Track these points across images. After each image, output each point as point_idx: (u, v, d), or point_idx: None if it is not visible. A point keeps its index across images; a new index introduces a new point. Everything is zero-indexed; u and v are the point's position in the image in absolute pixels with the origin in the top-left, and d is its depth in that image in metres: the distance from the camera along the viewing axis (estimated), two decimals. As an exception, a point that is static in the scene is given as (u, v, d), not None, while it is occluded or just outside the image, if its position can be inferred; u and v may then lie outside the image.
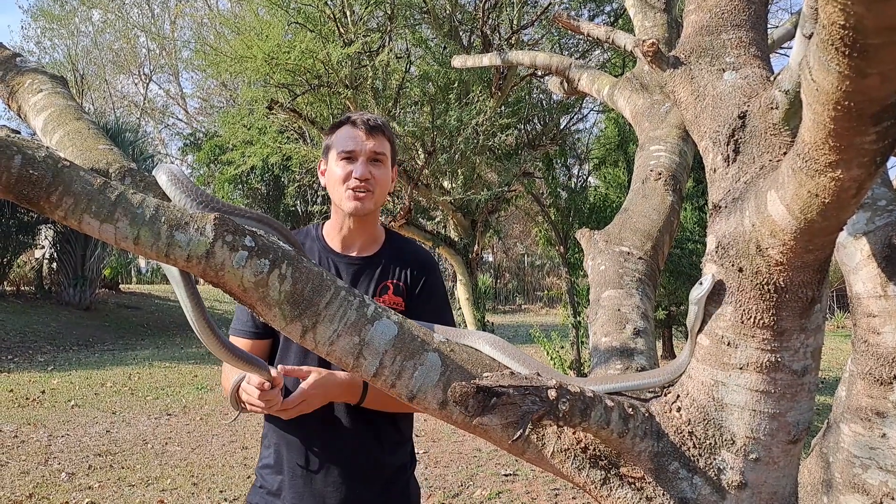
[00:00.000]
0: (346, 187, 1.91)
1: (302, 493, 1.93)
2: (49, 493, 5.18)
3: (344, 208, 1.93)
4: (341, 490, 1.92)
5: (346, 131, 1.93)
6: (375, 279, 1.98)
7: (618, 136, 11.89)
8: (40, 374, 10.33)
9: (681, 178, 2.23)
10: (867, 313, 1.51)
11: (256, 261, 1.28)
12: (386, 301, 1.96)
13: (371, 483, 1.94)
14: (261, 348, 2.00)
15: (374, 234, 2.02)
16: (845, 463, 1.56)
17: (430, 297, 2.03)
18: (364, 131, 1.92)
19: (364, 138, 1.92)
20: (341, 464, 1.93)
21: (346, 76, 8.01)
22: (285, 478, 1.95)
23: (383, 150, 1.95)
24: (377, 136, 1.93)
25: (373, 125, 1.93)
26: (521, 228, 26.23)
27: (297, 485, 1.94)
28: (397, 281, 1.99)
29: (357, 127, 1.93)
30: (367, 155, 1.91)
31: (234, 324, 2.03)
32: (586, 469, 1.34)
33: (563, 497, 5.26)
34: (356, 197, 1.90)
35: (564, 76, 2.95)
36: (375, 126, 1.94)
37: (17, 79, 1.76)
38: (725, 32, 1.50)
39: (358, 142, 1.91)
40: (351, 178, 1.90)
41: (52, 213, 1.22)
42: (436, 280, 2.05)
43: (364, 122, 1.93)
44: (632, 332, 1.73)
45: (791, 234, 1.09)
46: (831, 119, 0.89)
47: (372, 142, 1.92)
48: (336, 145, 1.94)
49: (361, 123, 1.93)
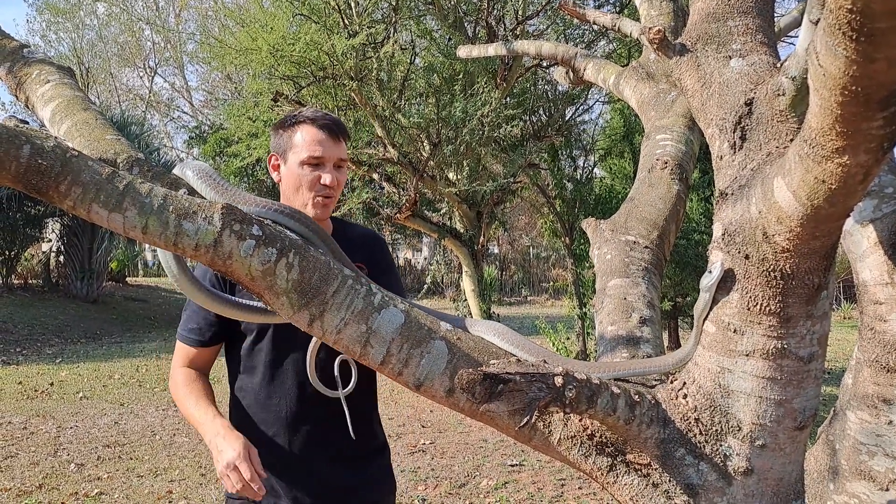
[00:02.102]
0: (313, 193, 1.89)
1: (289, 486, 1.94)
2: (59, 484, 5.22)
3: (308, 213, 1.90)
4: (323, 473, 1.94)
5: (311, 134, 1.89)
6: None
7: (623, 128, 11.85)
8: (48, 367, 10.39)
9: (687, 167, 2.22)
10: (874, 301, 1.51)
11: (264, 249, 1.28)
12: None
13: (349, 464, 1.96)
14: (205, 357, 2.02)
15: (327, 222, 2.02)
16: (852, 450, 1.57)
17: (389, 270, 2.07)
18: (328, 136, 1.89)
19: (330, 144, 1.89)
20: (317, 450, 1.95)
21: (351, 68, 7.99)
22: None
23: (344, 155, 1.94)
24: (341, 142, 1.92)
25: (336, 129, 1.91)
26: (526, 220, 26.20)
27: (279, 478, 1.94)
28: (358, 263, 2.00)
29: (322, 130, 1.89)
30: (334, 162, 1.90)
31: (181, 329, 2.01)
32: (593, 456, 1.35)
33: (569, 487, 5.27)
34: (323, 204, 1.90)
35: (570, 66, 2.94)
36: (340, 130, 1.92)
37: (24, 70, 1.77)
38: (732, 19, 1.50)
39: (326, 147, 1.88)
40: (318, 184, 1.88)
41: (60, 202, 1.23)
42: (388, 253, 2.11)
43: (328, 126, 1.90)
44: (638, 321, 1.73)
45: (797, 220, 1.09)
46: (838, 104, 0.89)
47: (337, 148, 1.91)
48: (299, 148, 1.89)
49: (325, 127, 1.89)
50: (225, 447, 1.73)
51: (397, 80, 8.69)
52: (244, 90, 12.15)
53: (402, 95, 8.76)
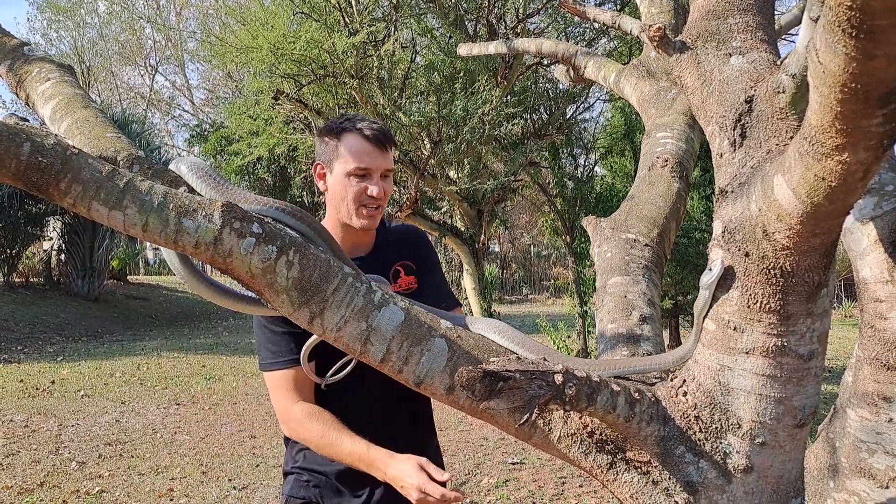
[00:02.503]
0: (358, 204, 1.87)
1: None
2: (60, 482, 5.23)
3: (354, 224, 1.90)
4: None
5: (358, 144, 1.87)
6: (385, 266, 2.00)
7: (624, 126, 11.84)
8: (50, 365, 10.40)
9: (687, 164, 2.22)
10: (874, 298, 1.51)
11: (264, 247, 1.28)
12: (402, 283, 2.00)
13: None
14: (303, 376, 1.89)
15: (373, 234, 2.02)
16: (852, 448, 1.57)
17: (433, 268, 2.09)
18: (376, 146, 1.87)
19: (377, 154, 1.88)
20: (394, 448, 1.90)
21: (352, 66, 7.99)
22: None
23: (391, 165, 1.92)
24: (388, 152, 1.90)
25: (384, 139, 1.89)
26: (527, 218, 26.19)
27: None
28: (405, 261, 2.02)
29: (369, 141, 1.87)
30: (381, 172, 1.89)
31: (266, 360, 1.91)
32: (593, 453, 1.35)
33: (569, 485, 5.27)
34: (370, 215, 1.89)
35: (570, 64, 2.94)
36: (387, 140, 1.90)
37: (24, 67, 1.77)
38: (732, 17, 1.49)
39: (373, 158, 1.87)
40: (365, 195, 1.87)
41: (61, 200, 1.23)
42: (432, 250, 2.11)
43: (375, 137, 1.87)
44: (638, 319, 1.73)
45: (797, 218, 1.09)
46: (838, 101, 0.89)
47: (385, 159, 1.89)
48: (347, 159, 1.87)
49: (373, 138, 1.87)
50: (402, 478, 1.72)
51: (398, 78, 8.69)
52: (245, 88, 12.15)
53: (403, 94, 8.76)
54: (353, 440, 1.80)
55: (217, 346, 13.28)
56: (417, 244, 2.08)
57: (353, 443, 1.80)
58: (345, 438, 1.81)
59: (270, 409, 7.73)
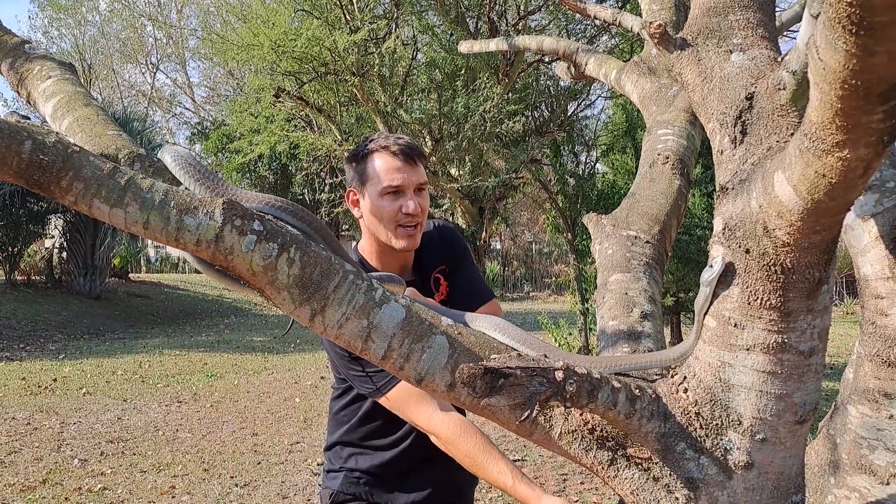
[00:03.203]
0: (396, 223, 1.84)
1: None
2: (62, 479, 5.24)
3: (395, 245, 1.87)
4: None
5: (388, 162, 1.83)
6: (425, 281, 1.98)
7: (626, 123, 11.83)
8: (52, 363, 10.41)
9: (688, 161, 2.22)
10: (875, 295, 1.51)
11: (265, 244, 1.29)
12: (442, 290, 2.00)
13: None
14: None
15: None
16: (852, 444, 1.57)
17: (462, 261, 2.04)
18: (405, 162, 1.84)
19: (408, 170, 1.84)
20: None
21: (353, 63, 7.99)
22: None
23: (423, 178, 1.89)
24: (419, 166, 1.87)
25: (412, 153, 1.86)
26: (528, 216, 26.19)
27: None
28: (441, 267, 2.00)
29: (397, 157, 1.83)
30: (414, 187, 1.85)
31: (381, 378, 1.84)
32: (594, 450, 1.35)
33: (571, 482, 5.28)
34: (409, 234, 1.85)
35: (572, 61, 2.94)
36: (416, 154, 1.87)
37: (25, 66, 1.77)
38: (733, 13, 1.49)
39: (404, 175, 1.83)
40: (400, 213, 1.83)
41: (62, 197, 1.23)
42: (460, 243, 2.04)
43: (403, 153, 1.84)
44: (639, 316, 1.73)
45: (798, 214, 1.09)
46: (838, 98, 0.89)
47: (416, 173, 1.86)
48: (378, 179, 1.84)
49: (401, 154, 1.84)
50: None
51: (399, 75, 8.69)
52: (246, 86, 12.15)
53: (404, 91, 8.76)
54: (498, 468, 1.77)
55: (219, 343, 13.30)
56: (447, 244, 2.03)
57: (498, 472, 1.76)
58: (491, 466, 1.77)
59: (272, 407, 7.75)
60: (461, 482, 2.09)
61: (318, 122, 9.50)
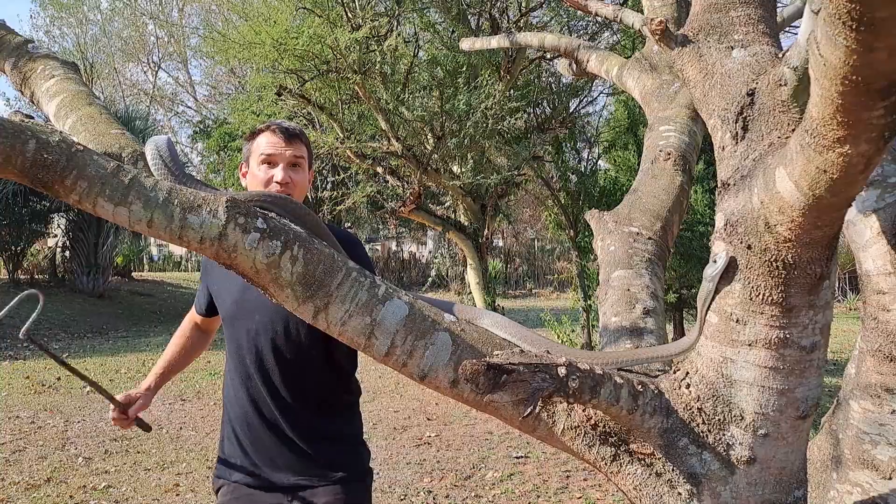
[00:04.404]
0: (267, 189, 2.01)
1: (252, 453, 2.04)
2: (67, 478, 5.25)
3: None
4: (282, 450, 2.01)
5: (267, 138, 2.04)
6: None
7: (627, 119, 11.80)
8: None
9: (690, 158, 2.22)
10: (876, 290, 1.51)
11: (268, 242, 1.29)
12: None
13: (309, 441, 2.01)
14: (205, 322, 2.41)
15: None
16: (855, 439, 1.57)
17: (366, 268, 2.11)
18: (283, 138, 2.03)
19: (283, 145, 2.02)
20: (278, 428, 2.01)
21: (355, 61, 7.99)
22: (231, 440, 2.09)
23: (301, 153, 2.06)
24: (295, 143, 2.05)
25: (291, 132, 2.05)
26: (530, 213, 26.15)
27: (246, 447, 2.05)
28: None
29: (275, 133, 2.04)
30: (287, 160, 2.02)
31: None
32: (596, 446, 1.36)
33: (574, 479, 5.29)
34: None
35: (573, 57, 2.94)
36: (294, 133, 2.06)
37: (29, 65, 1.78)
38: (734, 9, 1.49)
39: (278, 148, 2.02)
40: (272, 182, 2.00)
41: (66, 196, 1.24)
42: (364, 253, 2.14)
43: (283, 130, 2.04)
44: (642, 312, 1.74)
45: (799, 210, 1.09)
46: (839, 94, 0.89)
47: (291, 148, 2.03)
48: (256, 150, 2.04)
49: (280, 131, 2.04)
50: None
51: (401, 73, 8.69)
52: (248, 84, 12.15)
53: (406, 88, 8.75)
54: (160, 360, 2.46)
55: (222, 341, 13.24)
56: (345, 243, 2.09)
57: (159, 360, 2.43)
58: (162, 355, 2.45)
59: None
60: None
61: (320, 120, 9.50)
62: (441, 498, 4.87)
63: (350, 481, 2.01)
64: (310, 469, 1.98)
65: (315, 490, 1.97)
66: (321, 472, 1.99)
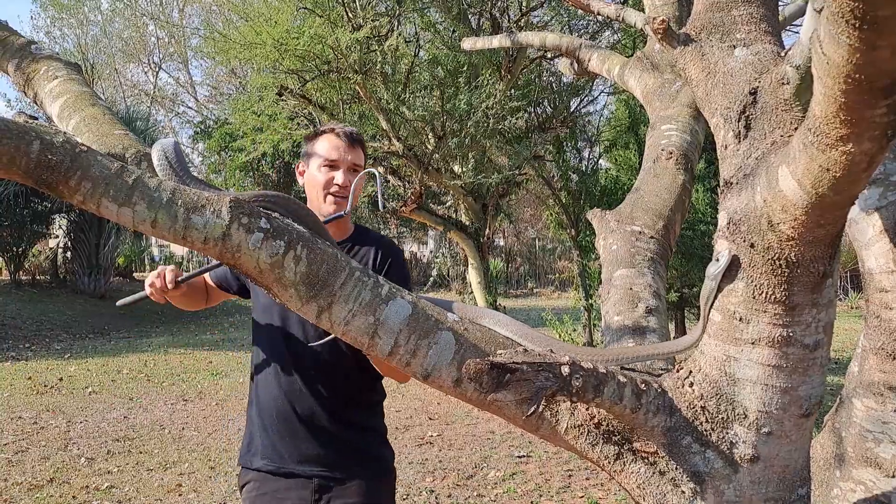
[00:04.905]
0: (326, 192, 2.08)
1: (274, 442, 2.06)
2: (69, 478, 5.26)
3: (322, 211, 2.09)
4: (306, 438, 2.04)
5: (330, 141, 2.11)
6: None
7: (628, 118, 11.80)
8: (57, 362, 10.44)
9: (692, 157, 2.22)
10: (879, 288, 1.51)
11: (272, 242, 1.30)
12: None
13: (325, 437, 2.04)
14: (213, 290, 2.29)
15: (345, 229, 2.18)
16: (858, 437, 1.57)
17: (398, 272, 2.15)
18: (346, 143, 2.10)
19: (345, 149, 2.09)
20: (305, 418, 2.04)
21: (356, 61, 7.98)
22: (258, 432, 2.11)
23: (360, 161, 2.13)
24: (356, 148, 2.12)
25: (354, 138, 2.12)
26: (532, 212, 26.14)
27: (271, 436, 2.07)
28: (362, 261, 2.11)
29: (339, 137, 2.10)
30: (347, 164, 2.09)
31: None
32: (600, 444, 1.36)
33: (576, 478, 5.29)
34: (336, 202, 2.08)
35: (574, 57, 2.94)
36: (356, 139, 2.13)
37: (32, 66, 1.78)
38: (736, 8, 1.50)
39: (340, 152, 2.09)
40: (332, 184, 2.07)
41: (70, 197, 1.24)
42: (402, 261, 2.20)
43: (346, 135, 2.11)
44: (644, 311, 1.74)
45: (802, 208, 1.09)
46: (842, 92, 0.89)
47: (352, 153, 2.10)
48: (319, 153, 2.10)
49: (344, 135, 2.11)
50: None
51: (402, 73, 8.69)
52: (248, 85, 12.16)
53: (407, 88, 8.75)
54: None
55: (223, 342, 13.33)
56: (387, 249, 2.17)
57: None
58: None
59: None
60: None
61: (321, 120, 9.51)
62: (443, 497, 4.87)
63: (376, 478, 2.06)
64: (337, 461, 2.01)
65: (343, 488, 2.00)
66: (348, 466, 2.02)
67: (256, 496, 2.05)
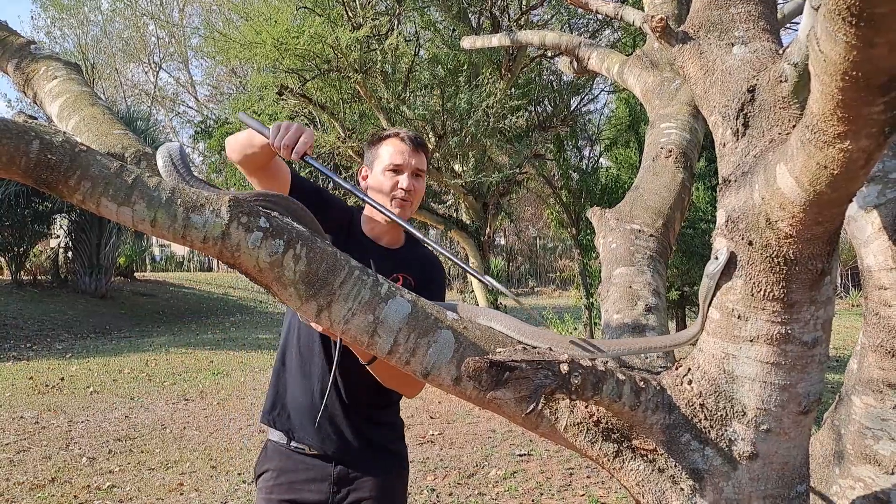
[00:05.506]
0: (391, 196, 2.07)
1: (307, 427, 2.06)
2: (71, 478, 5.27)
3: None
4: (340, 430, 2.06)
5: (395, 145, 2.10)
6: (393, 269, 2.11)
7: (629, 117, 11.82)
8: (59, 362, 10.46)
9: (691, 155, 2.23)
10: (878, 286, 1.52)
11: (271, 241, 1.30)
12: None
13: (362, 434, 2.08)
14: (274, 167, 1.97)
15: (400, 234, 2.19)
16: (857, 434, 1.57)
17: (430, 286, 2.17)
18: (410, 148, 2.09)
19: (410, 154, 2.09)
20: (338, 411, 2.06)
21: (356, 60, 7.99)
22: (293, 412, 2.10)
23: (423, 166, 2.13)
24: (420, 153, 2.11)
25: (418, 143, 2.11)
26: (532, 211, 26.16)
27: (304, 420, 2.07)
28: (408, 276, 2.13)
29: (404, 142, 2.10)
30: (412, 169, 2.08)
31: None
32: (599, 442, 1.36)
33: (577, 476, 5.29)
34: (400, 205, 2.08)
35: (574, 55, 2.94)
36: (420, 143, 2.12)
37: (31, 66, 1.78)
38: (734, 6, 1.50)
39: (405, 157, 2.08)
40: (397, 188, 2.07)
41: (70, 196, 1.25)
42: (441, 282, 2.24)
43: (410, 140, 2.11)
44: (644, 309, 1.74)
45: (800, 206, 1.09)
46: (839, 90, 0.90)
47: (416, 158, 2.10)
48: (384, 157, 2.10)
49: (408, 140, 2.10)
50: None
51: (402, 72, 8.69)
52: (249, 84, 12.17)
53: (407, 87, 8.76)
54: None
55: (224, 341, 13.33)
56: (432, 267, 2.21)
57: None
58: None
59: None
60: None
61: (322, 120, 9.52)
62: (444, 496, 4.87)
63: (393, 473, 2.13)
64: (358, 456, 2.05)
65: (362, 481, 2.04)
66: (367, 460, 2.06)
67: (273, 486, 2.07)
